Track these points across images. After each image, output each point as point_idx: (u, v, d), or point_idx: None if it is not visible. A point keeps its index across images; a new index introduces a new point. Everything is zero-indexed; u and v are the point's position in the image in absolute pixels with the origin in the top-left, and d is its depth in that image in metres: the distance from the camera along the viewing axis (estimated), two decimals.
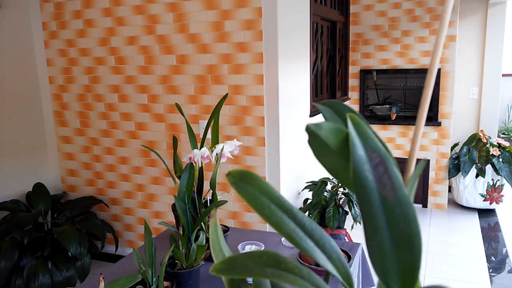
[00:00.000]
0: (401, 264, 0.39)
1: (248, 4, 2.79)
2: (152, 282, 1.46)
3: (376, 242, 0.39)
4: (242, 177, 0.50)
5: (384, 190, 0.40)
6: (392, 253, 0.39)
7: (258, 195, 0.49)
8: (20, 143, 3.32)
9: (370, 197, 0.40)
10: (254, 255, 0.44)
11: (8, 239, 2.82)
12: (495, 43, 4.66)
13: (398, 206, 0.39)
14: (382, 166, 0.41)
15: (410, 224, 0.39)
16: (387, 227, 0.39)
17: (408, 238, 0.39)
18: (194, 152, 1.83)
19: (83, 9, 3.23)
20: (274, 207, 0.48)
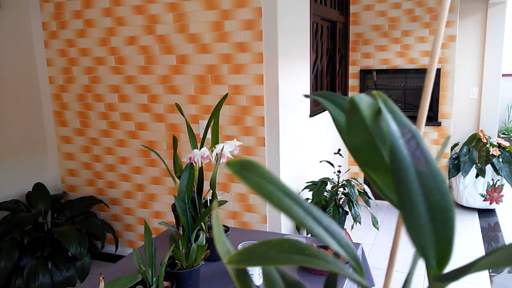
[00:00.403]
0: (437, 236, 0.40)
1: (248, 4, 2.79)
2: (152, 282, 1.46)
3: (415, 216, 0.40)
4: (243, 166, 0.49)
5: (419, 164, 0.40)
6: (429, 225, 0.40)
7: (263, 183, 0.48)
8: (20, 143, 3.32)
9: (407, 171, 0.40)
10: (274, 243, 0.44)
11: (8, 239, 2.82)
12: (495, 43, 4.66)
13: (432, 180, 0.40)
14: (414, 141, 0.41)
15: (444, 197, 0.40)
16: (424, 201, 0.40)
17: (443, 210, 0.40)
18: (194, 152, 1.83)
19: (83, 9, 3.23)
20: (282, 195, 0.48)
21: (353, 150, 0.44)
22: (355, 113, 0.42)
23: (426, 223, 0.40)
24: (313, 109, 3.58)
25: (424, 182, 0.40)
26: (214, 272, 1.82)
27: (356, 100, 0.42)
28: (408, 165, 0.40)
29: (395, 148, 0.41)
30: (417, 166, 0.40)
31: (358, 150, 0.43)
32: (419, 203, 0.40)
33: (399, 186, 0.40)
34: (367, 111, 0.43)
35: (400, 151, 0.40)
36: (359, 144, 0.43)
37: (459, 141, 4.90)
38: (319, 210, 0.51)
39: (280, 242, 0.44)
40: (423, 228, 0.40)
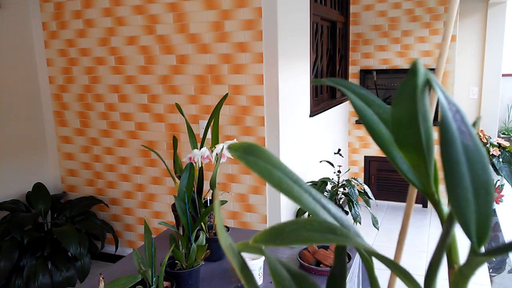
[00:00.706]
0: (479, 212, 0.40)
1: (248, 4, 2.78)
2: (152, 282, 1.45)
3: (462, 190, 0.40)
4: (247, 150, 0.47)
5: (465, 138, 0.40)
6: (473, 200, 0.40)
7: (271, 169, 0.47)
8: (20, 143, 3.31)
9: (455, 144, 0.40)
10: (303, 222, 0.42)
11: (8, 239, 2.81)
12: (495, 43, 4.66)
13: (477, 154, 0.40)
14: (459, 115, 0.41)
15: (486, 171, 0.40)
16: (469, 175, 0.40)
17: (485, 185, 0.40)
18: (194, 152, 1.83)
19: (83, 9, 3.23)
20: (291, 182, 0.47)
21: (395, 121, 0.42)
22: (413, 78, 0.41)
23: (471, 197, 0.40)
24: (313, 109, 3.58)
25: (469, 156, 0.40)
26: (214, 272, 1.82)
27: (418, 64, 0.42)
28: (456, 139, 0.40)
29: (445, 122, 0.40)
30: (464, 140, 0.40)
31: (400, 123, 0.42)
32: (465, 176, 0.40)
33: (447, 161, 0.40)
34: (421, 80, 0.42)
35: (450, 124, 0.40)
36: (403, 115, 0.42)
37: None
38: (324, 196, 0.50)
39: (309, 221, 0.43)
40: (468, 202, 0.40)
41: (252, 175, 3.00)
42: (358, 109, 0.50)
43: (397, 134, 0.42)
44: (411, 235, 4.04)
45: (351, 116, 4.85)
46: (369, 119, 0.49)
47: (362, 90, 0.53)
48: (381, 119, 0.50)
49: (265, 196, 3.00)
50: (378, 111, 0.50)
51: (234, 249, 0.47)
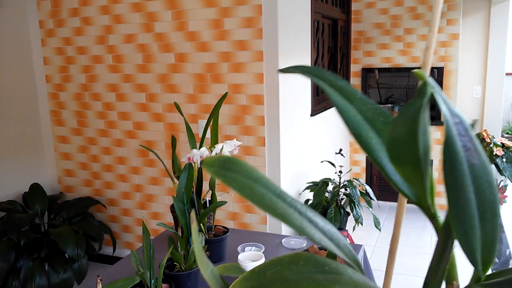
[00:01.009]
0: (484, 237, 0.37)
1: (248, 2, 2.75)
2: (150, 284, 1.43)
3: (467, 218, 0.36)
4: (224, 165, 0.43)
5: (471, 156, 0.37)
6: (478, 226, 0.37)
7: (252, 184, 0.42)
8: (16, 143, 3.27)
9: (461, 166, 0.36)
10: (287, 261, 0.39)
11: (5, 240, 2.78)
12: (499, 41, 4.62)
13: (483, 172, 0.37)
14: (462, 127, 0.38)
15: (494, 191, 0.37)
16: (475, 197, 0.37)
17: (492, 206, 0.37)
18: (193, 152, 1.79)
19: (80, 7, 3.19)
20: (274, 197, 0.43)
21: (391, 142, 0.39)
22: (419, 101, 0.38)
23: (477, 224, 0.36)
24: (314, 109, 3.54)
25: (475, 176, 0.37)
26: None
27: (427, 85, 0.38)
28: (462, 159, 0.36)
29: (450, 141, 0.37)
30: (469, 158, 0.36)
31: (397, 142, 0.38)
32: (471, 200, 0.36)
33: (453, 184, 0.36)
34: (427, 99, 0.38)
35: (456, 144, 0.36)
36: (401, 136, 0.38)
37: None
38: (312, 210, 0.46)
39: (293, 259, 0.38)
40: (474, 230, 0.36)
41: None
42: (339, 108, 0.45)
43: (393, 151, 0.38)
44: (413, 236, 3.99)
45: None
46: (354, 120, 0.45)
47: (340, 81, 0.48)
48: (365, 118, 0.45)
49: None
50: (361, 108, 0.46)
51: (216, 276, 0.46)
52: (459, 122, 0.38)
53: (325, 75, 0.47)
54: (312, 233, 0.43)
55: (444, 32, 4.28)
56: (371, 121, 0.45)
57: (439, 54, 4.35)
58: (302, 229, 0.42)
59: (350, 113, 0.45)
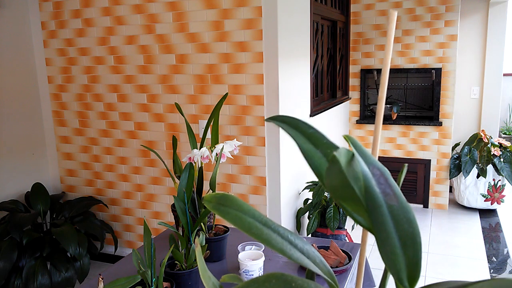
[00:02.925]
0: (408, 260, 0.46)
1: (248, 3, 2.77)
2: (151, 282, 1.44)
3: (390, 247, 0.46)
4: (220, 201, 0.53)
5: (390, 199, 0.46)
6: (401, 252, 0.46)
7: (241, 216, 0.52)
8: (19, 143, 3.30)
9: (380, 208, 0.46)
10: (262, 280, 0.47)
11: (7, 239, 2.80)
12: (496, 42, 4.64)
13: (401, 211, 0.46)
14: (382, 178, 0.47)
15: (412, 225, 0.46)
16: (395, 231, 0.46)
17: (411, 236, 0.46)
18: (193, 152, 1.82)
19: (82, 8, 3.22)
20: (260, 226, 0.53)
21: (330, 188, 0.49)
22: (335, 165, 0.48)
23: (399, 250, 0.46)
24: (313, 109, 3.57)
25: (394, 214, 0.46)
26: (213, 272, 1.80)
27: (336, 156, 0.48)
28: (381, 202, 0.46)
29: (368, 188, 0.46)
30: (389, 202, 0.46)
31: (335, 188, 0.48)
32: (392, 233, 0.46)
33: (375, 221, 0.46)
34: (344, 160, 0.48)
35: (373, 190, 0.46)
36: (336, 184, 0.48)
37: (460, 141, 4.89)
38: (292, 232, 0.56)
39: (267, 278, 0.47)
40: (397, 255, 0.46)
41: (252, 175, 2.99)
42: (305, 153, 0.55)
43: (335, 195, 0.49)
44: None
45: (351, 115, 4.84)
46: (317, 163, 0.54)
47: (311, 129, 0.57)
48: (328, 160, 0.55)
49: (265, 196, 2.98)
50: (326, 151, 0.55)
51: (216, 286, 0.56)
52: (379, 174, 0.47)
53: (298, 124, 0.57)
54: (291, 253, 0.52)
55: (442, 33, 4.31)
56: None
57: (437, 55, 4.37)
58: (283, 250, 0.52)
59: (315, 157, 0.54)
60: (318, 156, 0.54)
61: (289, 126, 0.57)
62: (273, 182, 2.97)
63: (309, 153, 0.54)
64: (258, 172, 2.96)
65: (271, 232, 0.53)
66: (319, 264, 0.54)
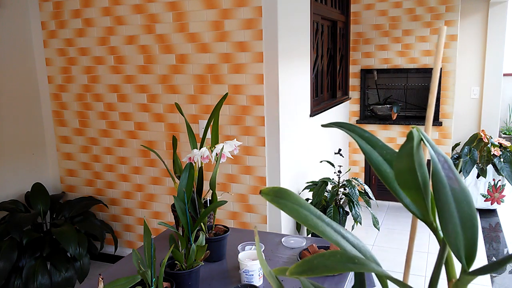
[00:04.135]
0: (466, 240, 0.50)
1: (248, 3, 2.77)
2: (151, 282, 1.45)
3: (452, 225, 0.50)
4: (277, 194, 0.57)
5: (452, 183, 0.50)
6: (461, 232, 0.50)
7: (298, 209, 0.57)
8: (19, 143, 3.30)
9: (445, 189, 0.50)
10: (328, 255, 0.51)
11: (7, 239, 2.80)
12: (496, 42, 4.64)
13: (462, 194, 0.50)
14: (446, 163, 0.52)
15: (471, 207, 0.50)
16: (457, 212, 0.50)
17: (470, 218, 0.50)
18: (193, 152, 1.82)
19: (82, 8, 3.22)
20: (315, 219, 0.57)
21: (397, 172, 0.53)
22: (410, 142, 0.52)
23: (459, 230, 0.50)
24: (313, 109, 3.57)
25: (456, 197, 0.50)
26: (213, 272, 1.81)
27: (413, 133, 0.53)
28: (445, 185, 0.50)
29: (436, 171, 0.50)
30: (452, 185, 0.50)
31: (401, 172, 0.52)
32: (454, 213, 0.50)
33: (439, 202, 0.50)
34: (416, 140, 0.52)
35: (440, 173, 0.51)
36: (403, 167, 0.52)
37: (460, 141, 4.89)
38: (342, 227, 0.60)
39: (333, 253, 0.52)
40: (457, 234, 0.50)
41: (252, 175, 2.99)
42: (365, 152, 0.61)
43: (399, 179, 0.53)
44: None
45: (351, 115, 4.84)
46: (375, 161, 0.60)
47: (366, 133, 0.64)
48: (385, 159, 0.61)
49: None
50: (382, 152, 0.61)
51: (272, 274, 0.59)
52: (443, 160, 0.52)
53: (355, 129, 0.64)
54: (345, 246, 0.57)
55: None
56: (389, 161, 0.61)
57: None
58: (338, 243, 0.57)
59: (373, 156, 0.61)
60: (375, 155, 0.60)
61: (347, 130, 0.64)
62: (273, 182, 2.97)
63: (369, 152, 0.61)
64: (258, 172, 2.96)
65: (325, 225, 0.57)
66: (370, 258, 0.58)
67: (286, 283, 1.66)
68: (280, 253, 1.93)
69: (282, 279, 0.56)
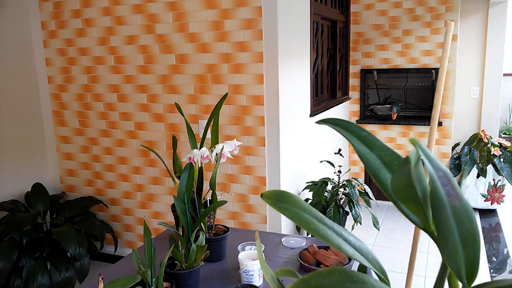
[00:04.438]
0: (467, 258, 0.48)
1: (248, 3, 2.77)
2: (151, 282, 1.45)
3: (452, 245, 0.48)
4: (278, 197, 0.55)
5: (453, 200, 0.48)
6: (461, 250, 0.48)
7: (299, 212, 0.55)
8: (19, 143, 3.30)
9: (444, 208, 0.48)
10: (325, 273, 0.49)
11: (7, 239, 2.80)
12: (496, 42, 4.64)
13: (463, 212, 0.48)
14: (446, 179, 0.49)
15: (473, 225, 0.48)
16: (457, 230, 0.48)
17: (472, 236, 0.48)
18: (193, 152, 1.82)
19: (82, 8, 3.22)
20: (316, 222, 0.56)
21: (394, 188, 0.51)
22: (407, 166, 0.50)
23: (460, 248, 0.48)
24: (313, 109, 3.57)
25: (457, 214, 0.48)
26: (213, 272, 1.81)
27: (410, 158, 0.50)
28: (445, 203, 0.48)
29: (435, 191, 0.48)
30: (452, 202, 0.48)
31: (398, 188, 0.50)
32: (454, 232, 0.48)
33: (438, 221, 0.48)
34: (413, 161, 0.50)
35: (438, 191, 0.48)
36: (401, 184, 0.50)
37: (460, 141, 4.89)
38: (344, 229, 0.58)
39: (330, 272, 0.49)
40: (458, 253, 0.48)
41: (252, 175, 2.99)
42: (361, 155, 0.57)
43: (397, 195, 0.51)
44: (411, 236, 4.02)
45: (351, 115, 4.84)
46: (373, 165, 0.57)
47: (363, 131, 0.59)
48: (383, 162, 0.57)
49: None
50: (380, 154, 0.57)
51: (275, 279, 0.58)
52: (443, 175, 0.50)
53: (351, 127, 0.59)
54: (346, 249, 0.55)
55: (442, 33, 4.31)
56: (388, 164, 0.57)
57: (437, 55, 4.38)
58: (339, 246, 0.55)
59: (370, 159, 0.57)
60: (373, 158, 0.57)
61: (342, 129, 0.59)
62: (273, 182, 2.97)
63: (365, 154, 0.57)
64: (258, 172, 2.97)
65: (327, 229, 0.56)
66: (372, 261, 0.57)
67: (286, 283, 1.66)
68: (280, 253, 1.93)
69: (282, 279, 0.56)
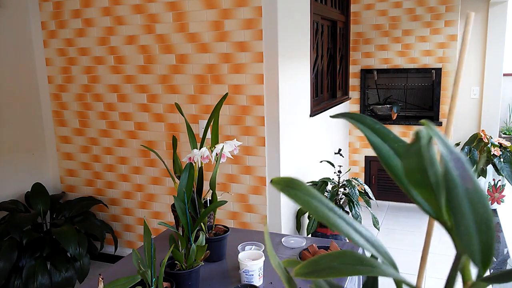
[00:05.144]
0: (482, 244, 0.47)
1: (248, 3, 2.77)
2: (151, 282, 1.45)
3: (465, 228, 0.47)
4: (288, 184, 0.55)
5: (466, 182, 0.47)
6: (476, 235, 0.47)
7: (309, 200, 0.55)
8: (19, 143, 3.30)
9: (457, 188, 0.47)
10: (335, 255, 0.49)
11: (7, 239, 2.80)
12: (496, 42, 4.65)
13: (476, 195, 0.47)
14: (459, 161, 0.49)
15: (486, 209, 0.47)
16: (471, 213, 0.47)
17: (486, 221, 0.47)
18: (193, 152, 1.82)
19: (82, 8, 3.22)
20: (326, 210, 0.55)
21: (407, 171, 0.50)
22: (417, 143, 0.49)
23: (474, 233, 0.47)
24: (313, 109, 3.57)
25: (470, 197, 0.47)
26: (213, 272, 1.81)
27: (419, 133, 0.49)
28: (458, 184, 0.47)
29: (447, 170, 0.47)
30: (465, 184, 0.47)
31: (411, 172, 0.49)
32: (468, 216, 0.47)
33: (452, 203, 0.47)
34: (425, 140, 0.49)
35: (452, 173, 0.48)
36: (413, 167, 0.49)
37: (460, 141, 4.88)
38: (354, 220, 0.58)
39: (340, 254, 0.49)
40: (471, 237, 0.47)
41: (252, 175, 2.99)
42: (374, 146, 0.57)
43: (409, 178, 0.50)
44: (413, 235, 4.02)
45: None
46: (386, 155, 0.57)
47: (377, 124, 0.59)
48: (396, 153, 0.57)
49: (265, 196, 2.98)
50: (393, 145, 0.58)
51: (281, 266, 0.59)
52: (456, 158, 0.49)
53: (365, 120, 0.60)
54: (357, 239, 0.55)
55: (442, 34, 4.31)
56: (401, 155, 0.57)
57: (437, 55, 4.38)
58: (349, 235, 0.54)
59: (383, 150, 0.58)
60: (386, 149, 0.57)
61: (357, 122, 0.60)
62: None
63: (378, 145, 0.57)
64: (258, 172, 2.96)
65: (337, 217, 0.56)
66: (383, 252, 0.57)
67: None
68: (280, 253, 1.93)
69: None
